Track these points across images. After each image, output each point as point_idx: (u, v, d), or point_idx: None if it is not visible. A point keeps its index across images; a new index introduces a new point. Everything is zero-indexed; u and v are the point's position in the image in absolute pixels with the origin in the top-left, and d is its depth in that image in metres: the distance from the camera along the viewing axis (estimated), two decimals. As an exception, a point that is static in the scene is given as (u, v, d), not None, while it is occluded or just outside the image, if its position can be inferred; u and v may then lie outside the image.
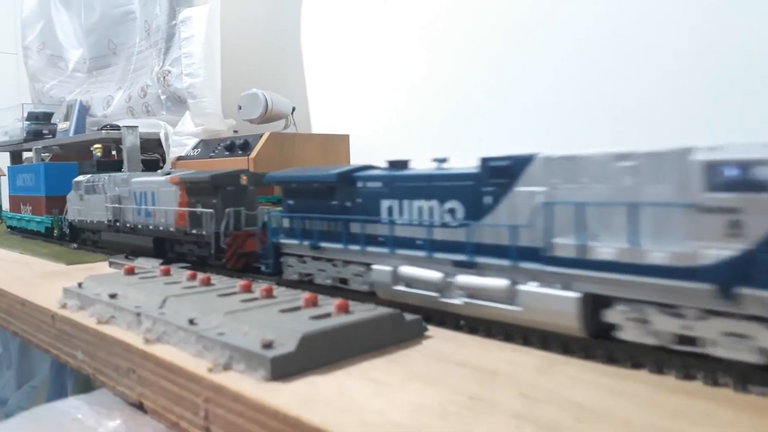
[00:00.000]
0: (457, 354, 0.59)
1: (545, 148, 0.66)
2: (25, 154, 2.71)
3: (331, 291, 0.81)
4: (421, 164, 0.79)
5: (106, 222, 1.31)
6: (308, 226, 0.85)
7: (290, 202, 0.90)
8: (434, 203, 0.70)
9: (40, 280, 1.05)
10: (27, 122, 2.59)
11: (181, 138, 2.18)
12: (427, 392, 0.50)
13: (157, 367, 0.60)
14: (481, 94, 1.76)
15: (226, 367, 0.55)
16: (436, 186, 0.70)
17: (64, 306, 0.80)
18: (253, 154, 1.96)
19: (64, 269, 1.17)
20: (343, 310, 0.61)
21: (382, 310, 0.62)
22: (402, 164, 0.78)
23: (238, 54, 2.36)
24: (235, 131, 2.27)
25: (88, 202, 1.40)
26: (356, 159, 1.98)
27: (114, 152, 2.22)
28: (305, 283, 0.86)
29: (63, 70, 2.79)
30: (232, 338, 0.57)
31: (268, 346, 0.54)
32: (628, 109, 1.38)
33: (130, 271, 0.85)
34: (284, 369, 0.53)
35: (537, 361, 0.57)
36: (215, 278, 0.79)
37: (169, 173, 1.16)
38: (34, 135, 2.57)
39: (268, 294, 0.68)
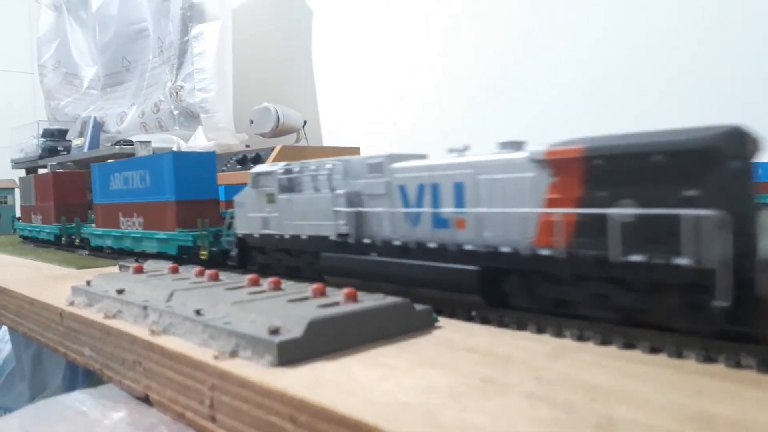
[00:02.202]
0: (469, 342, 0.58)
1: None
2: (40, 171, 2.74)
3: None
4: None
5: (333, 237, 0.81)
6: None
7: None
8: None
9: (49, 282, 1.05)
10: (42, 139, 2.63)
11: (194, 152, 2.19)
12: (437, 375, 0.48)
13: (162, 358, 0.59)
14: (494, 107, 1.75)
15: (233, 354, 0.54)
16: None
17: (72, 303, 0.79)
18: (265, 166, 1.96)
19: (73, 272, 1.17)
20: (352, 298, 0.60)
21: (391, 299, 0.61)
22: None
23: (250, 69, 2.38)
24: (247, 145, 2.29)
25: (288, 206, 0.89)
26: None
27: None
28: None
29: (78, 88, 2.84)
30: (239, 326, 0.56)
31: (275, 332, 0.53)
32: (644, 110, 1.37)
33: (139, 270, 0.85)
34: (291, 355, 0.52)
35: (551, 347, 0.55)
36: (224, 274, 0.78)
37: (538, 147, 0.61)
38: (50, 151, 2.61)
39: (276, 286, 0.67)
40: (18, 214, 2.21)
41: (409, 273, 0.70)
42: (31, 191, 1.89)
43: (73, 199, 1.72)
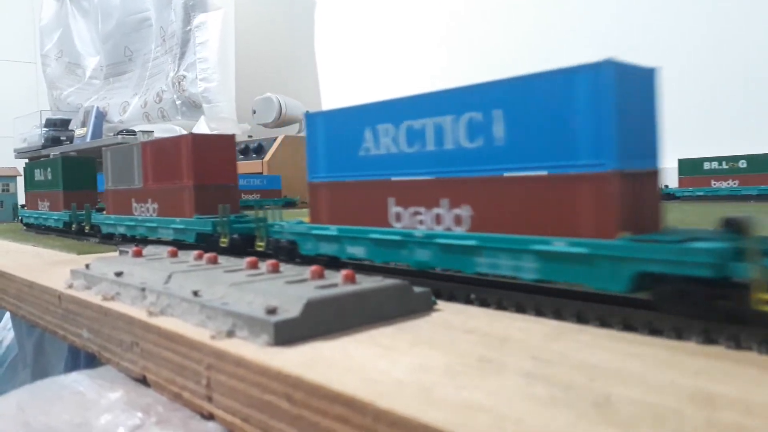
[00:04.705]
0: (467, 323, 0.57)
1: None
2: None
3: None
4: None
5: None
6: None
7: None
8: None
9: (49, 267, 1.05)
10: (45, 129, 2.63)
11: (196, 141, 2.19)
12: (434, 355, 0.48)
13: (159, 338, 0.59)
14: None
15: (229, 334, 0.54)
16: None
17: (70, 286, 0.79)
18: (267, 157, 1.96)
19: (74, 258, 1.17)
20: (350, 280, 0.59)
21: (390, 281, 0.61)
22: None
23: (252, 59, 2.37)
24: (250, 135, 2.28)
25: None
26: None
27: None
28: None
29: (80, 78, 2.83)
30: (236, 306, 0.56)
31: (272, 312, 0.53)
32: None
33: (138, 254, 0.84)
34: (288, 334, 0.51)
35: (549, 329, 0.55)
36: (222, 258, 0.78)
37: None
38: (52, 141, 2.61)
39: (275, 269, 0.67)
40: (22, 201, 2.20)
41: None
42: (132, 166, 1.28)
43: (223, 178, 1.13)
